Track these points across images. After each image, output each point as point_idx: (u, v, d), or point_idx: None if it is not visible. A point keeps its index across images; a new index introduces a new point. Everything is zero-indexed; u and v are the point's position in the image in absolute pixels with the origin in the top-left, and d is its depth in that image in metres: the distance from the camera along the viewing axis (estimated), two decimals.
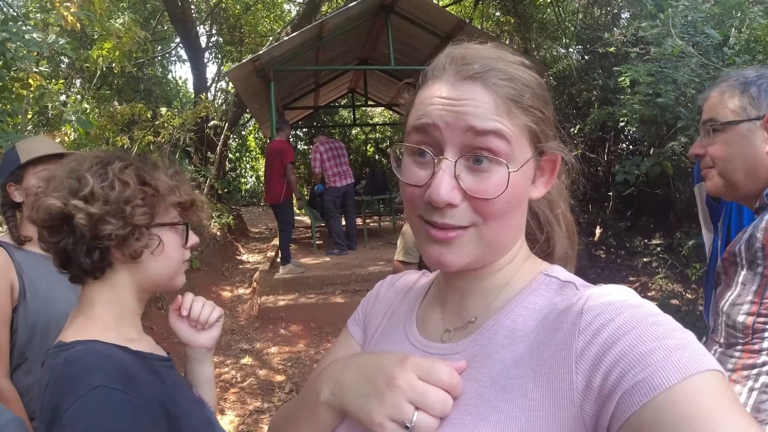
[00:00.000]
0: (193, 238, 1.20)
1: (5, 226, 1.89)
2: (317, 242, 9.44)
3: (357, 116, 16.80)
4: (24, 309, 1.70)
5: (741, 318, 1.39)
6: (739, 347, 1.41)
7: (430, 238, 0.70)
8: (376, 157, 18.54)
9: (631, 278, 7.15)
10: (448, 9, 11.58)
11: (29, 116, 6.82)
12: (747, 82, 1.43)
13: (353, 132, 18.89)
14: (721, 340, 1.46)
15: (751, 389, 1.36)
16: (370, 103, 14.28)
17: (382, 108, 15.38)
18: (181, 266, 1.18)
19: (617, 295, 0.63)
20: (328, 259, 8.36)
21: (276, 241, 9.32)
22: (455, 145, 0.67)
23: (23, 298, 1.71)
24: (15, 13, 5.81)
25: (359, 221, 10.52)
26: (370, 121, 18.77)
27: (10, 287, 1.68)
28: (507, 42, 12.23)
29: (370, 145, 19.19)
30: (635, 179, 4.66)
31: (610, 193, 8.30)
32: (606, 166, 8.65)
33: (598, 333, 0.59)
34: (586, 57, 8.50)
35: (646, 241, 7.09)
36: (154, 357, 1.11)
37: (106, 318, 1.08)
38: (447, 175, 0.66)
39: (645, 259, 6.78)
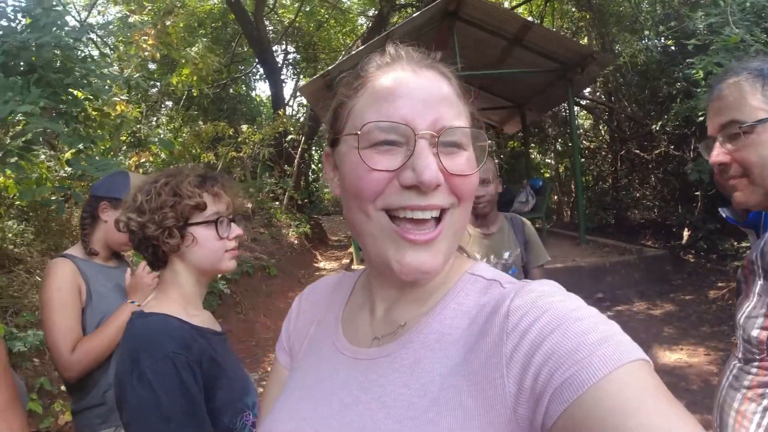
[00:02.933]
0: (235, 231, 1.44)
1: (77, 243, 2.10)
2: None
3: None
4: (91, 309, 1.96)
5: (755, 332, 1.28)
6: (755, 363, 1.30)
7: (405, 241, 0.66)
8: None
9: (720, 284, 6.63)
10: (518, 9, 11.35)
11: (123, 138, 7.46)
12: (765, 74, 1.25)
13: None
14: (740, 355, 1.35)
15: (766, 409, 1.25)
16: None
17: None
18: (223, 254, 1.41)
19: (541, 293, 0.63)
20: None
21: (351, 249, 9.50)
22: (427, 127, 0.66)
23: (90, 300, 1.96)
24: (106, 42, 6.33)
25: None
26: None
27: (79, 289, 1.95)
28: (585, 38, 11.78)
29: None
30: (710, 177, 4.34)
31: (698, 193, 7.75)
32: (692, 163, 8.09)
33: (524, 334, 0.59)
34: (673, 48, 7.99)
35: (736, 243, 6.55)
36: (208, 331, 1.37)
37: (175, 297, 1.36)
38: (430, 152, 0.65)
39: (736, 263, 6.26)
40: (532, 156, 14.64)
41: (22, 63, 2.92)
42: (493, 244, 2.64)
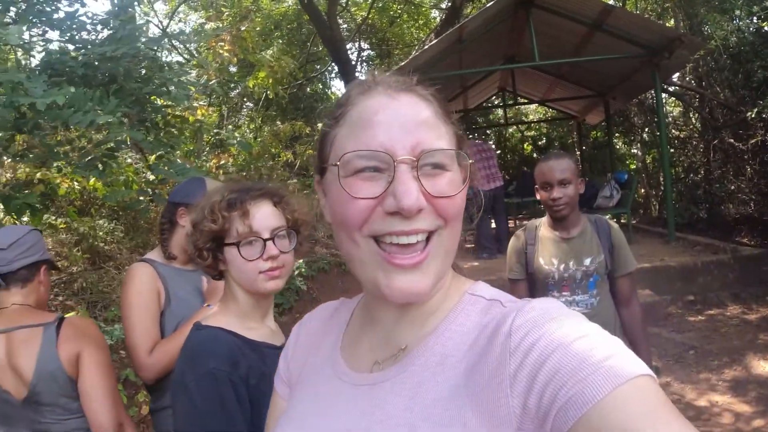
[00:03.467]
0: (270, 251, 1.35)
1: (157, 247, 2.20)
2: (466, 245, 9.40)
3: (510, 115, 16.40)
4: (169, 312, 2.02)
5: None
6: None
7: (393, 266, 0.66)
8: (534, 155, 17.93)
9: None
10: None
11: (206, 140, 7.84)
12: None
13: (509, 131, 18.47)
14: None
15: None
16: (521, 100, 13.85)
17: (536, 104, 14.81)
18: (256, 276, 1.35)
19: (542, 311, 0.63)
20: (476, 263, 8.29)
21: None
22: (407, 152, 0.66)
23: (168, 303, 2.03)
24: (188, 48, 6.63)
25: (511, 224, 10.25)
26: (525, 119, 18.19)
27: (158, 293, 2.02)
28: (671, 20, 11.04)
29: (527, 143, 18.60)
30: None
31: None
32: None
33: (528, 353, 0.59)
34: (766, 29, 7.32)
35: None
36: (264, 345, 1.36)
37: (233, 310, 1.39)
38: (410, 177, 0.65)
39: None
40: (617, 147, 13.93)
41: (106, 73, 3.10)
42: (573, 248, 2.44)
